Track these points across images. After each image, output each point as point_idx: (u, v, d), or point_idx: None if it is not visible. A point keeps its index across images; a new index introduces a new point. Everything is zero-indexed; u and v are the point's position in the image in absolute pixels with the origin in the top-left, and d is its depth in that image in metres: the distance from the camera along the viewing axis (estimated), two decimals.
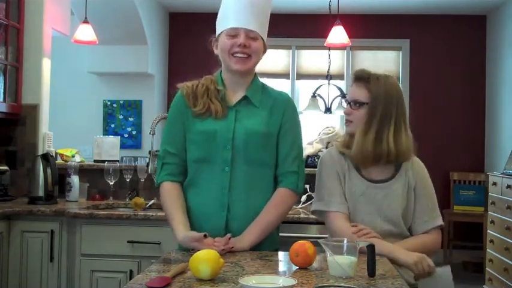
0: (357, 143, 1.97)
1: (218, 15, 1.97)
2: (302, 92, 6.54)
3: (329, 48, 5.20)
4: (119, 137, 4.16)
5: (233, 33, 1.90)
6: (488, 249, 4.65)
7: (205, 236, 1.76)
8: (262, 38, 1.94)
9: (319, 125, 4.35)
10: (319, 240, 1.62)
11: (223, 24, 1.94)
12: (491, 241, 4.56)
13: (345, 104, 2.09)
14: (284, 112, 1.97)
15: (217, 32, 1.96)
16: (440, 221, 2.03)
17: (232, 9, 1.91)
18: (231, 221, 1.89)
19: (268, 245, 1.94)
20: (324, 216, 2.04)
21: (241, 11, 1.89)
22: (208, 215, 1.90)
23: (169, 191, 1.96)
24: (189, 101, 1.94)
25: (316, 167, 3.45)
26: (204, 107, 1.91)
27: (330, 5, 4.83)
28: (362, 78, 2.02)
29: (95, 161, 3.73)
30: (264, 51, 2.00)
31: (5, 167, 3.39)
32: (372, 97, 1.97)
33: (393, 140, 1.96)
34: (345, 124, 2.08)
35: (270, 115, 1.95)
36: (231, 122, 1.92)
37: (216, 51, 1.98)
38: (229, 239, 1.80)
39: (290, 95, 2.78)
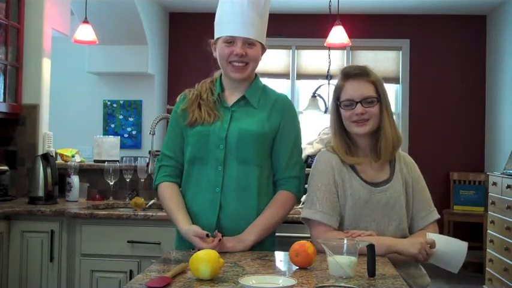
0: (392, 135, 1.91)
1: (216, 16, 1.95)
2: (302, 92, 6.54)
3: (329, 48, 5.19)
4: (119, 137, 4.16)
5: (230, 40, 1.89)
6: (488, 249, 4.65)
7: (207, 235, 1.76)
8: (260, 42, 1.93)
9: (319, 125, 4.34)
10: (319, 240, 1.61)
11: (220, 29, 1.92)
12: (491, 241, 4.56)
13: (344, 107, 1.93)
14: (283, 114, 1.95)
15: (215, 35, 1.95)
16: (437, 215, 1.98)
17: (229, 15, 1.89)
18: (223, 220, 1.89)
19: (268, 247, 1.94)
20: (311, 224, 1.91)
21: (238, 18, 1.87)
22: (200, 213, 1.90)
23: (169, 188, 1.97)
24: (182, 112, 1.96)
25: None
26: (192, 119, 1.93)
27: (330, 5, 4.83)
28: (362, 74, 1.95)
29: (95, 161, 3.73)
30: (263, 52, 1.99)
31: (5, 167, 3.39)
32: (380, 90, 1.93)
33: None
34: (357, 126, 1.90)
35: (268, 116, 1.94)
36: (225, 121, 1.92)
37: (214, 54, 1.97)
38: (220, 240, 1.78)
39: (290, 95, 2.78)
